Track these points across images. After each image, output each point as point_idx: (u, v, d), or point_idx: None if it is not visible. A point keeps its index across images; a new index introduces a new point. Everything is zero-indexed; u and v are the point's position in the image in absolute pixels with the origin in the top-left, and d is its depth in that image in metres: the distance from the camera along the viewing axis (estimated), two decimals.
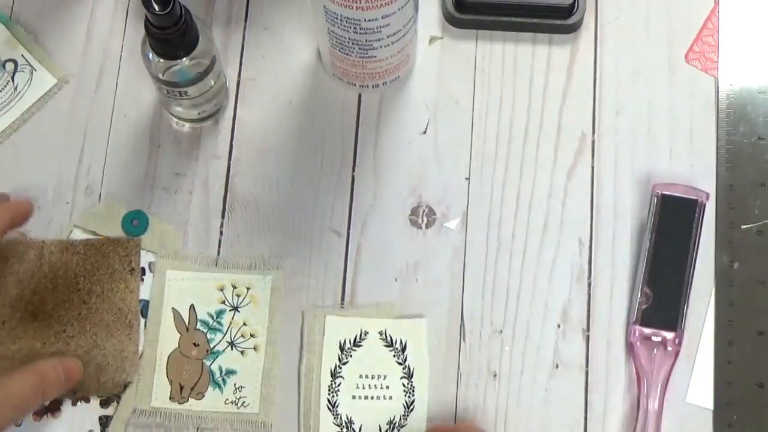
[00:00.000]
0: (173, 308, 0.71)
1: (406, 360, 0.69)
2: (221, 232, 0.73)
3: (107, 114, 0.75)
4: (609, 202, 0.73)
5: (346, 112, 0.75)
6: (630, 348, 0.69)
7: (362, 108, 0.75)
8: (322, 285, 0.72)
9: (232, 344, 0.70)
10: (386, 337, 0.70)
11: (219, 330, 0.70)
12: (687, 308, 0.69)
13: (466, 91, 0.75)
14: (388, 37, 0.67)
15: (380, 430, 0.69)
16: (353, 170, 0.74)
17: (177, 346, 0.70)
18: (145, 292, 0.71)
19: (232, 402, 0.69)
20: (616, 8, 0.76)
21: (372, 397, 0.69)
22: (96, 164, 0.74)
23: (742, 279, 0.70)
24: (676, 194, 0.71)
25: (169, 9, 0.63)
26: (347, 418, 0.68)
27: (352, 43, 0.67)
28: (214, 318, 0.71)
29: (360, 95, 0.75)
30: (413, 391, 0.69)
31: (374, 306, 0.71)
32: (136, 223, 0.72)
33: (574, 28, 0.76)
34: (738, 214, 0.72)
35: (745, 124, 0.73)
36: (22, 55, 0.76)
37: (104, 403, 0.69)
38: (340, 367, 0.69)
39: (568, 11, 0.75)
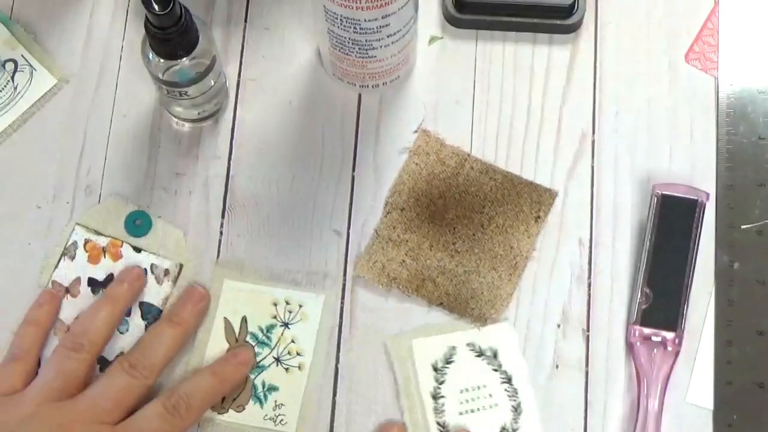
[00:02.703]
0: (225, 317, 0.70)
1: (501, 366, 0.69)
2: (221, 232, 0.73)
3: (107, 114, 0.75)
4: (609, 202, 0.73)
5: (346, 112, 0.75)
6: (630, 348, 0.69)
7: (362, 108, 0.75)
8: (322, 285, 0.72)
9: (278, 360, 0.70)
10: (475, 347, 0.70)
11: (267, 344, 0.70)
12: (687, 308, 0.69)
13: (466, 91, 0.75)
14: (388, 37, 0.67)
15: None
16: (353, 170, 0.74)
17: None
18: (147, 296, 0.71)
19: (270, 418, 0.69)
20: (616, 8, 0.76)
21: (478, 409, 0.68)
22: (96, 164, 0.74)
23: (742, 279, 0.70)
24: (676, 194, 0.71)
25: (169, 9, 0.63)
26: None
27: (352, 43, 0.67)
28: (264, 332, 0.70)
29: (360, 95, 0.75)
30: (516, 393, 0.68)
31: (455, 321, 0.70)
32: (139, 222, 0.72)
33: (574, 28, 0.76)
34: (738, 214, 0.72)
35: (745, 124, 0.73)
36: (22, 55, 0.76)
37: None
38: (439, 388, 0.69)
39: (568, 11, 0.75)
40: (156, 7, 0.63)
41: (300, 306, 0.71)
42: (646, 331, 0.69)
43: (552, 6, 0.74)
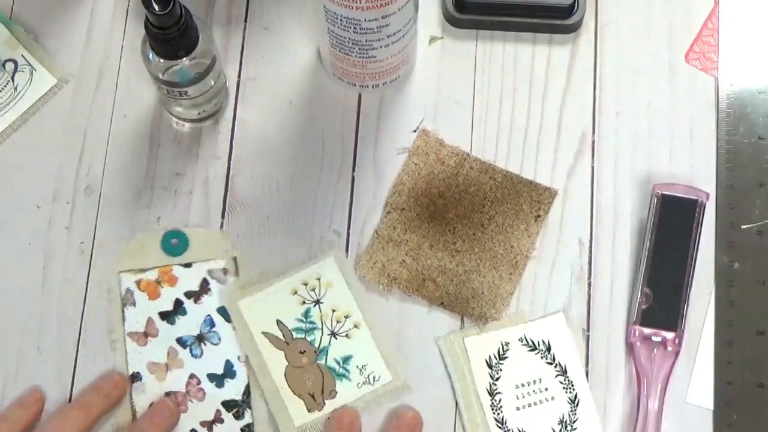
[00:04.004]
0: (263, 332, 0.70)
1: (554, 358, 0.69)
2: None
3: (107, 114, 0.75)
4: (609, 202, 0.73)
5: (346, 112, 0.75)
6: (630, 348, 0.69)
7: (362, 108, 0.75)
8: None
9: (334, 334, 0.70)
10: (527, 341, 0.70)
11: (315, 328, 0.70)
12: (687, 308, 0.69)
13: (466, 91, 0.75)
14: (388, 37, 0.67)
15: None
16: (353, 170, 0.74)
17: (286, 362, 0.70)
18: (220, 301, 0.71)
19: (364, 383, 0.69)
20: (616, 8, 0.76)
21: (535, 403, 0.69)
22: (96, 164, 0.74)
23: (742, 279, 0.70)
24: (676, 194, 0.71)
25: (169, 9, 0.63)
26: (519, 430, 0.68)
27: (352, 43, 0.67)
28: (305, 320, 0.70)
29: (360, 95, 0.75)
30: (572, 385, 0.69)
31: (507, 317, 0.70)
32: (175, 242, 0.72)
33: (574, 28, 0.76)
34: (738, 214, 0.72)
35: (745, 124, 0.73)
36: (22, 55, 0.76)
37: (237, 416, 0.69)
38: (495, 384, 0.69)
39: (568, 11, 0.75)
40: (156, 7, 0.63)
41: (318, 278, 0.71)
42: (646, 331, 0.69)
43: (552, 6, 0.74)
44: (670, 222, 0.70)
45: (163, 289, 0.71)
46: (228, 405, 0.69)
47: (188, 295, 0.71)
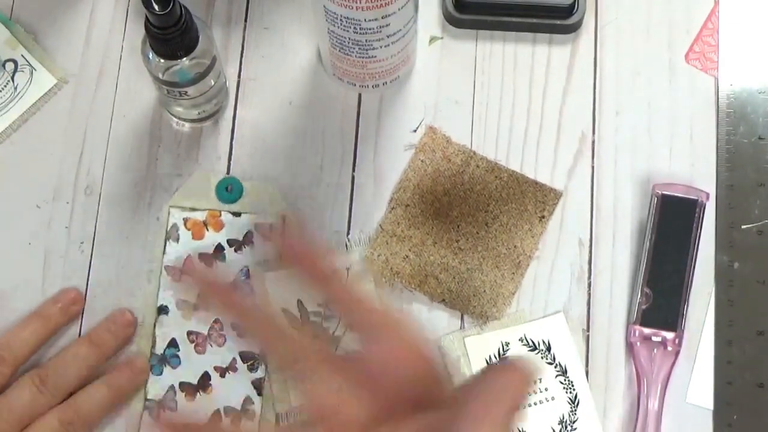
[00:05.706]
0: (282, 309, 0.70)
1: (555, 358, 0.69)
2: None
3: (107, 114, 0.75)
4: (609, 202, 0.73)
5: (346, 112, 0.75)
6: (630, 348, 0.69)
7: (362, 108, 0.75)
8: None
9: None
10: (528, 341, 0.70)
11: (333, 317, 0.70)
12: (687, 308, 0.69)
13: (466, 91, 0.75)
14: (388, 37, 0.67)
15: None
16: (353, 170, 0.74)
17: None
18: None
19: None
20: (616, 8, 0.76)
21: (535, 403, 0.69)
22: (96, 164, 0.74)
23: (742, 279, 0.70)
24: (676, 194, 0.71)
25: (169, 9, 0.63)
26: (519, 430, 0.68)
27: (352, 43, 0.67)
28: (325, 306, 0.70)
29: (360, 95, 0.75)
30: (572, 385, 0.69)
31: (507, 317, 0.70)
32: (230, 189, 0.72)
33: (574, 28, 0.76)
34: (738, 214, 0.72)
35: (745, 124, 0.73)
36: (22, 55, 0.76)
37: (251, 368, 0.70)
38: None
39: (568, 11, 0.75)
40: (156, 7, 0.63)
41: (347, 268, 0.71)
42: (646, 331, 0.69)
43: (552, 6, 0.74)
44: (670, 222, 0.70)
45: (208, 232, 0.72)
46: (245, 356, 0.70)
47: (230, 243, 0.72)
